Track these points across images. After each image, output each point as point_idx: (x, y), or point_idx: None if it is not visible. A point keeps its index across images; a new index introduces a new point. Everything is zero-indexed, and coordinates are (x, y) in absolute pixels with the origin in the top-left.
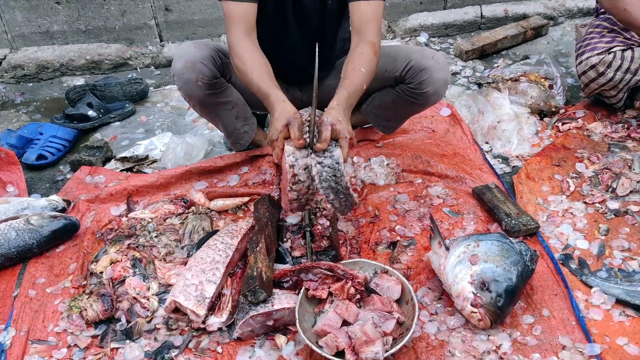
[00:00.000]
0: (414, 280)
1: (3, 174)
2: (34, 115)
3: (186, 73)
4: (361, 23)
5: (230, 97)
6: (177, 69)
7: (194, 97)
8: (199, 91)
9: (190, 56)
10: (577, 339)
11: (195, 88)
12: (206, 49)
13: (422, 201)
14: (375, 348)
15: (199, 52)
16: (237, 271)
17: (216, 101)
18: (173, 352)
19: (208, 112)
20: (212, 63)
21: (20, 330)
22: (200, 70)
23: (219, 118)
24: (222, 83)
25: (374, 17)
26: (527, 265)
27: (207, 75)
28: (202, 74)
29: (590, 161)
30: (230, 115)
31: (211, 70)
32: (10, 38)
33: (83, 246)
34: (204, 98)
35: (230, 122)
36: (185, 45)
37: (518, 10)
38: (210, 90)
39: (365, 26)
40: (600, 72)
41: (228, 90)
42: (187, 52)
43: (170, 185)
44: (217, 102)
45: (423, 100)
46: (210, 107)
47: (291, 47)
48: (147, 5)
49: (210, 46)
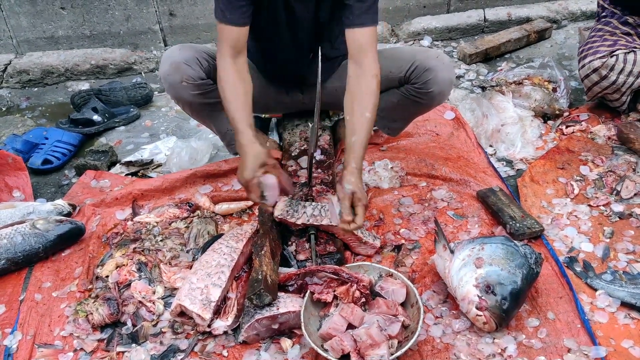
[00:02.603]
0: (419, 284)
1: (10, 179)
2: (39, 120)
3: (171, 75)
4: (359, 51)
5: (219, 98)
6: (163, 72)
7: (182, 99)
8: (185, 93)
9: (174, 58)
10: (582, 341)
11: (181, 89)
12: (190, 50)
13: (427, 204)
14: (380, 351)
15: (183, 53)
16: (242, 275)
17: (205, 102)
18: (179, 356)
19: (199, 114)
20: (196, 64)
21: (26, 334)
22: (184, 72)
23: (210, 120)
24: (210, 84)
25: (370, 44)
26: (532, 268)
27: (192, 76)
28: (186, 75)
29: (594, 164)
30: (221, 116)
31: (196, 72)
32: (15, 43)
33: (89, 250)
34: (191, 99)
35: (223, 123)
36: (171, 49)
37: (521, 13)
38: (197, 92)
39: (363, 55)
40: (603, 75)
41: (216, 91)
42: (172, 55)
43: (175, 189)
44: (206, 104)
45: (428, 101)
46: (200, 108)
47: (288, 58)
48: (152, 10)
49: (196, 48)
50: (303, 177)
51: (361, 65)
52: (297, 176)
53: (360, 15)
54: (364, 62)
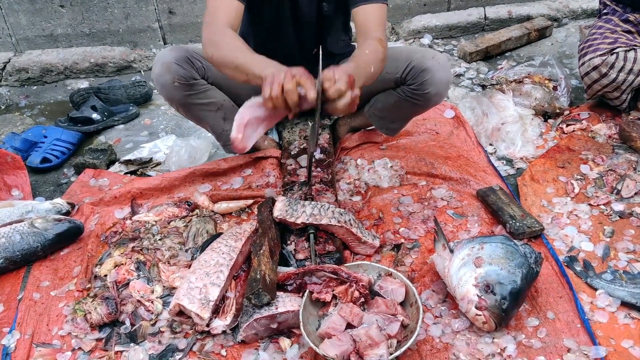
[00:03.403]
0: (418, 283)
1: (8, 178)
2: (38, 118)
3: (162, 75)
4: (366, 25)
5: (213, 98)
6: (155, 73)
7: (174, 99)
8: (176, 93)
9: (165, 59)
10: (582, 341)
11: (172, 90)
12: (181, 50)
13: (426, 203)
14: (379, 351)
15: (174, 54)
16: (241, 274)
17: (198, 102)
18: (177, 355)
19: (192, 114)
20: (187, 64)
21: (24, 334)
22: (175, 71)
23: (204, 120)
24: (202, 84)
25: (379, 19)
26: (531, 268)
27: (183, 75)
28: (177, 75)
29: (594, 163)
30: (216, 116)
31: (187, 71)
32: (14, 41)
33: (87, 249)
34: (184, 99)
35: (217, 123)
36: (163, 51)
37: (522, 11)
38: (188, 92)
39: (370, 27)
40: (603, 73)
41: (210, 92)
42: (163, 55)
43: (174, 188)
44: (199, 104)
45: (425, 101)
46: (194, 108)
47: (290, 52)
48: (151, 8)
49: (187, 48)
50: (302, 176)
51: (368, 34)
52: (296, 175)
53: None
54: (370, 32)
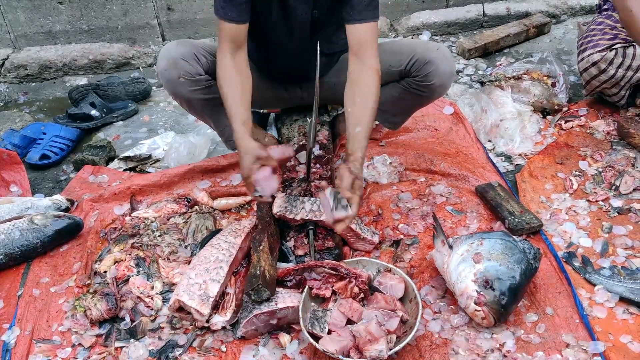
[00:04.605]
0: (417, 279)
1: (6, 174)
2: (37, 115)
3: (168, 70)
4: (360, 46)
5: (217, 93)
6: (160, 68)
7: (180, 95)
8: (182, 89)
9: (171, 54)
10: (580, 336)
11: (178, 85)
12: (188, 46)
13: (425, 199)
14: (379, 346)
15: (181, 49)
16: (240, 270)
17: (203, 98)
18: (177, 351)
19: (196, 110)
20: (194, 60)
21: (24, 330)
22: (181, 67)
23: (208, 116)
24: (207, 80)
25: (371, 38)
26: (530, 264)
27: (189, 71)
28: (183, 71)
29: (593, 159)
30: (220, 112)
31: (193, 67)
32: (13, 38)
33: (87, 245)
34: (189, 95)
35: (220, 119)
36: (168, 45)
37: (520, 8)
38: (194, 87)
39: (364, 50)
40: (601, 69)
41: (214, 87)
42: (169, 50)
43: (174, 184)
44: (204, 99)
45: (429, 93)
46: (198, 104)
47: (286, 53)
48: (150, 4)
49: (194, 44)
50: (301, 173)
51: (362, 60)
52: (295, 171)
53: (361, 10)
54: (365, 57)
